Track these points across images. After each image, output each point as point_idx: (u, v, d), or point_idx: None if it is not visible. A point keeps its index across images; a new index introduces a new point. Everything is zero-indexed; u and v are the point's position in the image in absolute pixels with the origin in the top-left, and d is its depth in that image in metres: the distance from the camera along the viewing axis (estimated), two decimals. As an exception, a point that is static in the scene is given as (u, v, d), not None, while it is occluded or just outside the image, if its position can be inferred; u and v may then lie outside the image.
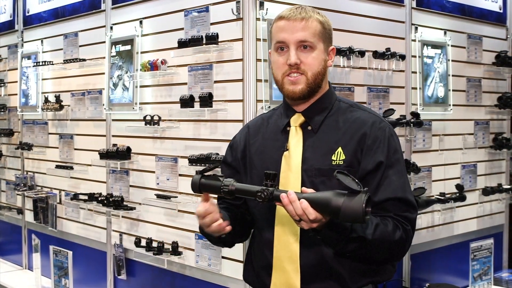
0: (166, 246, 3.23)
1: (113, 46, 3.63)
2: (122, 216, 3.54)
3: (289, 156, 1.96)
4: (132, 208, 3.48)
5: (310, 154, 1.94)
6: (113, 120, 3.71)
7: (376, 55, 3.29)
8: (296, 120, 2.01)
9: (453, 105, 3.79)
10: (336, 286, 1.93)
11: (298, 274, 1.93)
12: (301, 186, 1.90)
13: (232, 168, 2.12)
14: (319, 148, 1.94)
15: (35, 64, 4.29)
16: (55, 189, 4.27)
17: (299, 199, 1.70)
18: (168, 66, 3.22)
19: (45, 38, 4.37)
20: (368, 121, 1.95)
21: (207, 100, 2.93)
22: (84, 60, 3.85)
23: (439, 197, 3.64)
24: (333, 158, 1.91)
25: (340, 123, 1.97)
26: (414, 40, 3.58)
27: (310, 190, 1.75)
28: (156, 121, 3.26)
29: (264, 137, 2.07)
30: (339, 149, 1.92)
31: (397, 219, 1.89)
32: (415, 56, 3.59)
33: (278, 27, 1.96)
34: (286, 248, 1.95)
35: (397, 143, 1.98)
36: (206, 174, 1.86)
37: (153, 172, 3.37)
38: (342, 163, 1.90)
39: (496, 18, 4.16)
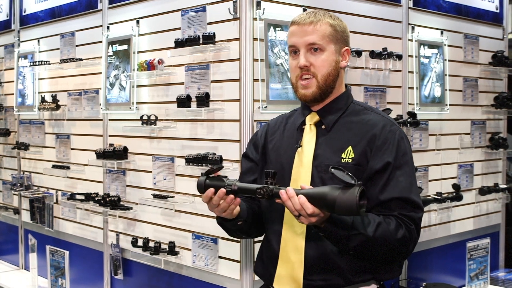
0: (163, 246, 3.22)
1: (110, 46, 3.62)
2: (119, 216, 3.53)
3: (302, 152, 2.06)
4: (129, 208, 3.48)
5: (322, 151, 2.03)
6: (110, 120, 3.70)
7: (373, 55, 3.29)
8: (311, 118, 2.11)
9: (450, 104, 3.79)
10: (337, 279, 2.00)
11: (302, 266, 2.01)
12: (311, 181, 2.01)
13: (252, 161, 2.24)
14: (330, 146, 2.03)
15: (31, 63, 4.28)
16: (51, 189, 4.26)
17: (297, 195, 1.79)
18: (165, 66, 3.22)
19: (41, 37, 4.36)
20: (379, 124, 2.03)
21: (204, 100, 2.93)
22: (80, 59, 3.85)
23: (436, 196, 3.65)
24: (343, 156, 2.00)
25: (353, 124, 2.06)
26: (411, 40, 3.59)
27: (308, 187, 1.84)
28: (153, 121, 3.26)
29: (282, 134, 2.18)
30: (349, 148, 2.00)
31: (401, 218, 1.94)
32: (412, 56, 3.59)
33: (290, 32, 2.09)
34: (293, 240, 2.04)
35: (408, 146, 2.04)
36: (211, 176, 1.96)
37: (150, 172, 3.36)
38: (350, 161, 1.99)
39: (492, 18, 4.17)
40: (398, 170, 1.97)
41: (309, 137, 2.07)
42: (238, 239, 2.84)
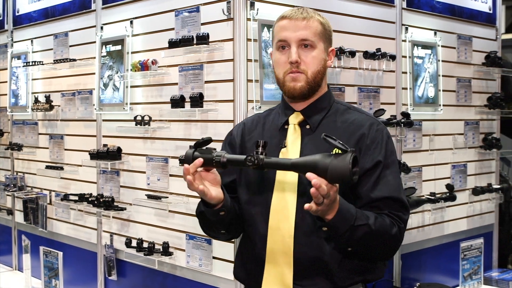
0: (156, 246, 3.22)
1: (104, 46, 3.62)
2: (113, 217, 3.53)
3: (287, 153, 2.01)
4: (122, 209, 3.47)
5: (308, 151, 1.97)
6: (103, 120, 3.70)
7: (367, 55, 3.29)
8: (295, 118, 2.06)
9: (443, 105, 3.80)
10: (327, 283, 1.95)
11: (291, 269, 1.95)
12: (298, 182, 1.96)
13: None
14: (317, 145, 1.97)
15: (25, 64, 4.27)
16: (45, 189, 4.25)
17: (289, 164, 1.76)
18: (158, 66, 3.22)
19: (35, 38, 4.35)
20: (366, 123, 2.02)
21: (197, 100, 2.92)
22: (74, 60, 3.84)
23: (430, 197, 3.66)
24: None
25: (338, 123, 2.04)
26: (405, 41, 3.59)
27: (297, 158, 1.81)
28: (146, 121, 3.26)
29: (262, 134, 2.11)
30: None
31: (392, 216, 1.93)
32: (405, 57, 3.60)
33: (280, 26, 2.03)
34: (280, 242, 1.97)
35: (393, 145, 2.05)
36: (199, 148, 1.91)
37: (144, 172, 3.36)
38: None
39: (485, 19, 4.18)
40: (387, 170, 1.96)
41: (294, 137, 2.03)
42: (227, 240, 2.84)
